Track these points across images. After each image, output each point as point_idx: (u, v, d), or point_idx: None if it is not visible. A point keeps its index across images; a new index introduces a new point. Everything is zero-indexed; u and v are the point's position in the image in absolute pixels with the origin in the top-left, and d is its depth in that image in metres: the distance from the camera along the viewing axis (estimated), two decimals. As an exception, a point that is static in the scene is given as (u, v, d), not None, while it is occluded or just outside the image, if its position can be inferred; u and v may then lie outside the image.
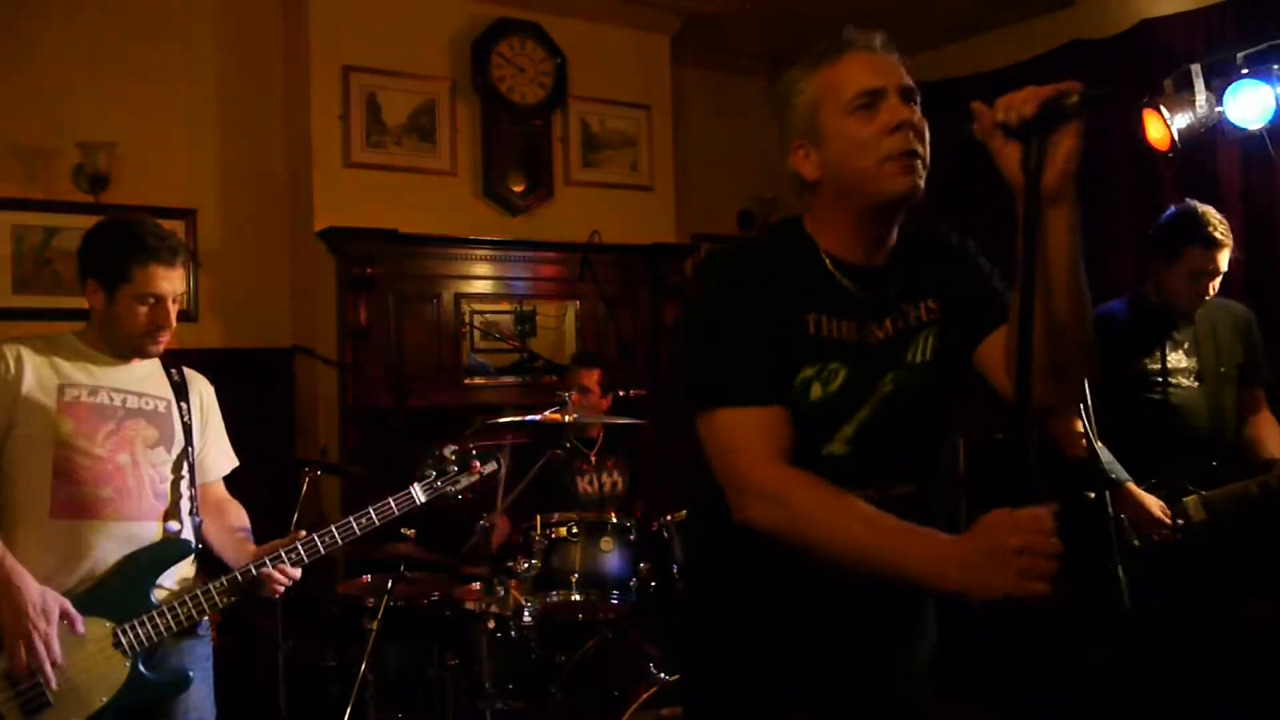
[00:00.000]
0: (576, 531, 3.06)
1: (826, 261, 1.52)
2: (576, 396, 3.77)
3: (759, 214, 6.17)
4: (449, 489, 2.50)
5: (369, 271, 4.53)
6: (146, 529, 2.18)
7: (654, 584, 3.15)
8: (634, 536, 3.14)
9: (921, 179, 1.44)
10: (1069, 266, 1.35)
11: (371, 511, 2.41)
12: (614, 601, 3.04)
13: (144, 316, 2.17)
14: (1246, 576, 2.98)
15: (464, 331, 4.82)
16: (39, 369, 2.13)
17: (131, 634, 2.11)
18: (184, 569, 2.25)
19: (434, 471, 2.52)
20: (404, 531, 3.12)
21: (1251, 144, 3.91)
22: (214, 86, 4.68)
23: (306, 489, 3.29)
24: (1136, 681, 2.87)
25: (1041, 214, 1.29)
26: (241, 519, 2.44)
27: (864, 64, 1.50)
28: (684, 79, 5.80)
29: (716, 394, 1.47)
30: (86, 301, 2.22)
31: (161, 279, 2.17)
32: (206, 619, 2.25)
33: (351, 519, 2.38)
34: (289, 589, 2.30)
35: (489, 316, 4.93)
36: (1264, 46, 3.52)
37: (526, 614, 3.01)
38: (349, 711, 2.90)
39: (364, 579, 3.44)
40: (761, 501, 1.40)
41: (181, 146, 4.60)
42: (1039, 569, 1.18)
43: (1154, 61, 4.31)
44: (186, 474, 2.28)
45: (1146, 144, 3.75)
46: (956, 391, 1.58)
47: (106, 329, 2.20)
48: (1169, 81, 3.70)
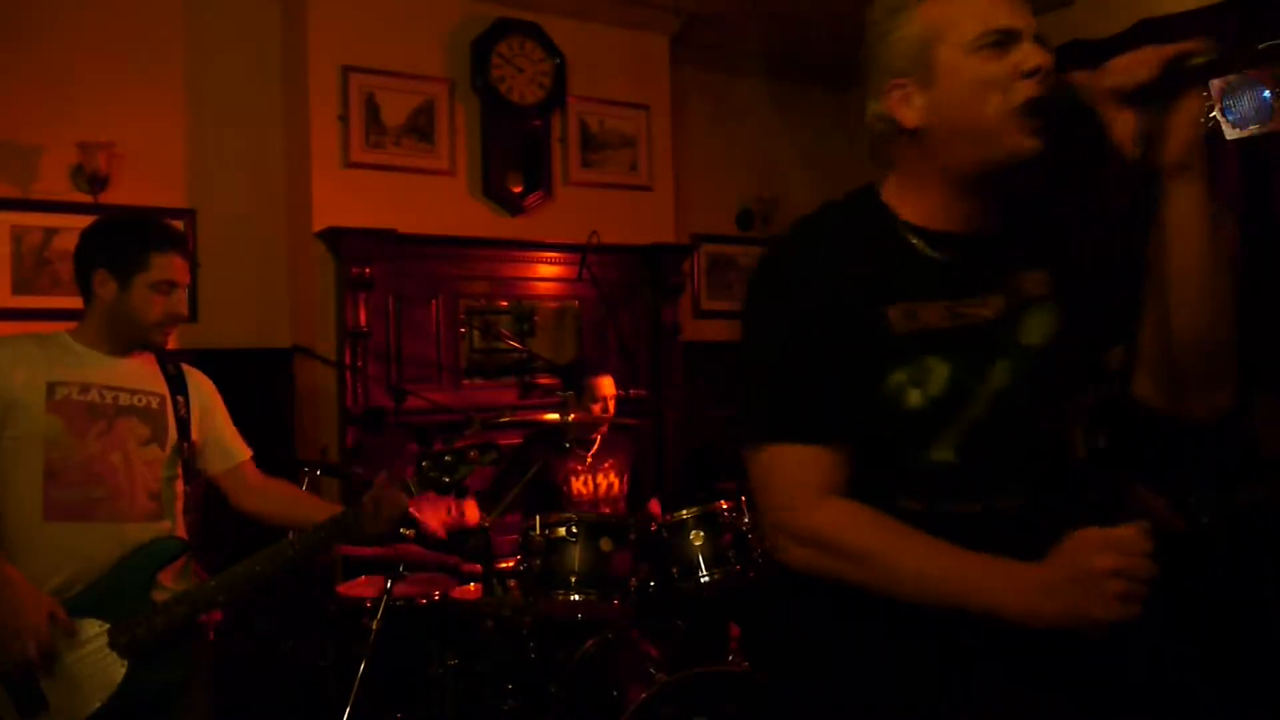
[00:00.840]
0: (576, 531, 3.05)
1: (908, 234, 1.31)
2: (598, 407, 3.77)
3: (759, 214, 6.17)
4: (445, 479, 2.49)
5: (368, 271, 4.53)
6: (140, 529, 2.17)
7: (654, 584, 3.15)
8: (634, 536, 3.14)
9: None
10: (1201, 250, 1.18)
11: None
12: (614, 601, 3.04)
13: (159, 305, 2.19)
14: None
15: (463, 331, 4.81)
16: (27, 368, 2.11)
17: (128, 634, 2.09)
18: (179, 567, 2.24)
19: (430, 462, 2.52)
20: (404, 532, 3.12)
21: (1251, 144, 3.91)
22: (214, 87, 4.67)
23: (306, 489, 3.29)
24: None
25: (1165, 190, 1.16)
26: (294, 487, 2.51)
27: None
28: (684, 79, 5.80)
29: (758, 427, 1.32)
30: (83, 299, 2.22)
31: (179, 268, 2.21)
32: (204, 618, 2.25)
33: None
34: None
35: (488, 316, 4.93)
36: (1264, 46, 3.53)
37: (526, 614, 3.01)
38: (349, 711, 2.90)
39: (364, 579, 3.45)
40: (800, 546, 1.27)
41: (181, 146, 4.60)
42: (1133, 593, 1.07)
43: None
44: (180, 471, 2.28)
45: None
46: (1084, 381, 1.36)
47: (113, 322, 2.19)
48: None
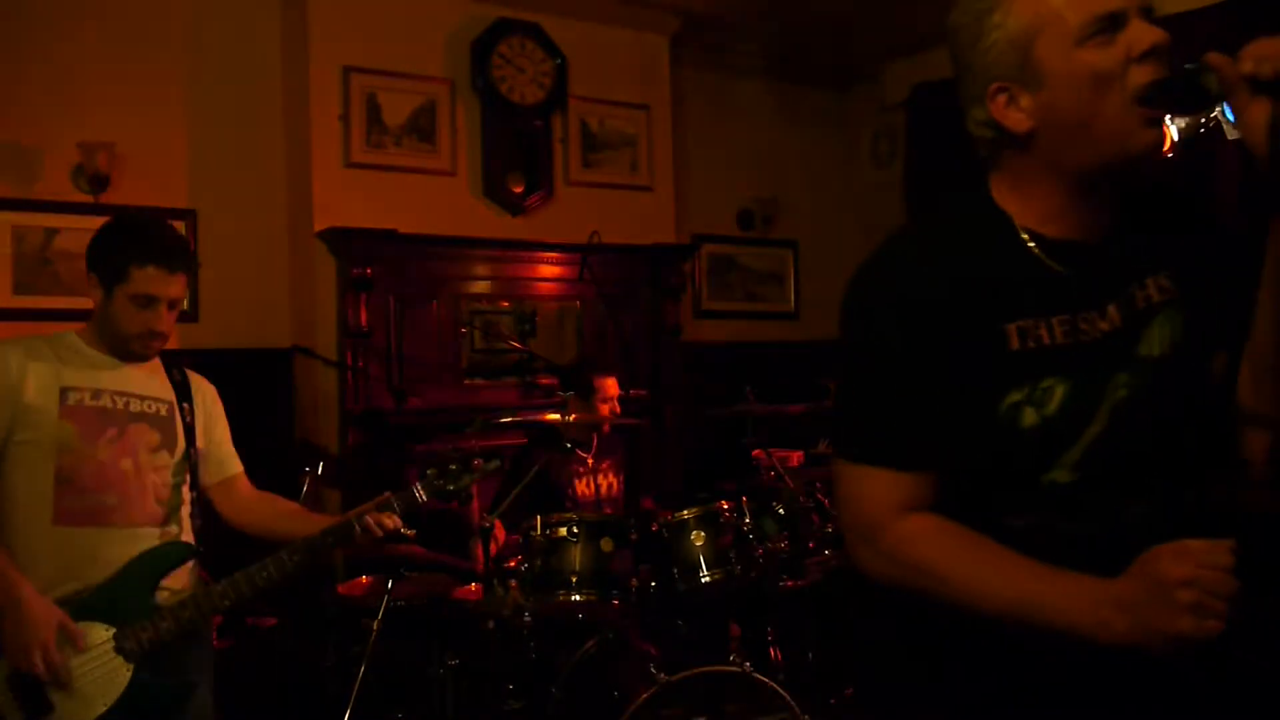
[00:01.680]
0: (576, 532, 3.05)
1: (1027, 242, 1.22)
2: (606, 408, 3.77)
3: (758, 214, 6.18)
4: (450, 486, 2.49)
5: (369, 272, 4.53)
6: (149, 535, 2.18)
7: (654, 584, 3.15)
8: (634, 536, 3.14)
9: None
10: None
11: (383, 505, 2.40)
12: (614, 601, 3.04)
13: (137, 318, 2.15)
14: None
15: (464, 332, 4.81)
16: (40, 371, 2.11)
17: (133, 639, 2.09)
18: (185, 572, 2.24)
19: (435, 469, 2.52)
20: (405, 532, 3.12)
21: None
22: (214, 86, 4.67)
23: (306, 489, 3.29)
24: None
25: None
26: (288, 501, 2.48)
27: None
28: (684, 79, 5.80)
29: (847, 443, 1.28)
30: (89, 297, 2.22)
31: (157, 282, 2.13)
32: (209, 622, 2.25)
33: (372, 507, 2.37)
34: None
35: (489, 317, 4.93)
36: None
37: (526, 614, 3.01)
38: (349, 711, 2.90)
39: (364, 579, 3.45)
40: (879, 562, 1.24)
41: (181, 146, 4.60)
42: (1211, 607, 1.00)
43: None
44: (188, 477, 2.28)
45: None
46: (1205, 386, 1.27)
47: (103, 327, 2.19)
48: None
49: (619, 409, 3.85)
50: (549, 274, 5.09)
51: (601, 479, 3.83)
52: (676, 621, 3.27)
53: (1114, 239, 1.24)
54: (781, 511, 3.34)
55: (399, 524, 2.34)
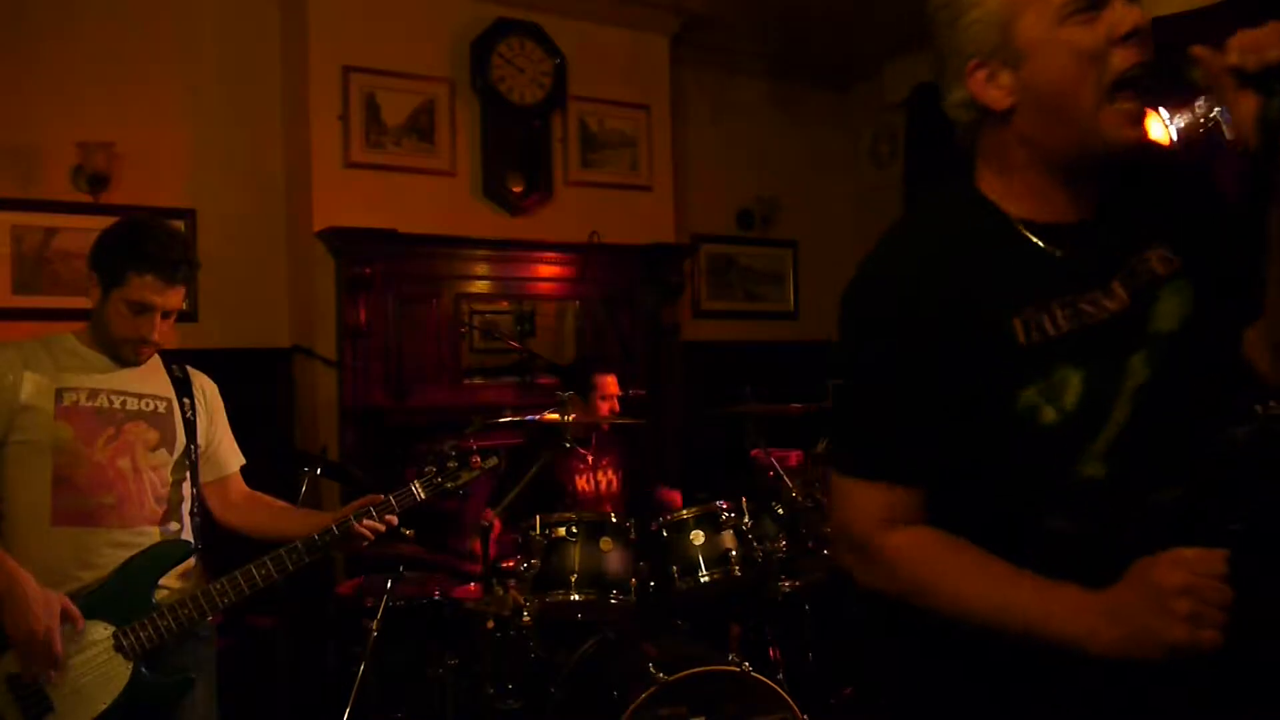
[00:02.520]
0: (576, 531, 3.05)
1: (1022, 231, 1.19)
2: (606, 406, 3.78)
3: (759, 214, 6.18)
4: (448, 484, 2.49)
5: (368, 271, 4.53)
6: (148, 533, 2.17)
7: (654, 584, 3.15)
8: (634, 536, 3.14)
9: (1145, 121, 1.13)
10: None
11: (382, 503, 2.40)
12: (614, 601, 3.04)
13: (129, 324, 2.14)
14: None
15: (464, 331, 4.81)
16: (35, 373, 2.10)
17: (133, 636, 2.09)
18: (185, 570, 2.24)
19: (434, 467, 2.52)
20: (404, 531, 3.12)
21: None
22: (214, 87, 4.67)
23: (306, 489, 3.29)
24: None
25: None
26: (282, 502, 2.48)
27: None
28: (683, 79, 5.80)
29: (841, 457, 1.26)
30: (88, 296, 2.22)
31: (152, 291, 2.12)
32: (209, 620, 2.24)
33: (370, 505, 2.37)
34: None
35: (489, 316, 4.93)
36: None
37: (526, 614, 3.01)
38: (349, 711, 2.90)
39: (364, 579, 3.45)
40: (867, 568, 1.23)
41: (181, 146, 4.60)
42: (1207, 616, 0.98)
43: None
44: (188, 475, 2.28)
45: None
46: (1228, 361, 1.22)
47: (97, 326, 2.19)
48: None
49: (619, 407, 3.85)
50: (548, 274, 5.09)
51: (601, 476, 3.83)
52: (676, 621, 3.28)
53: (1105, 215, 1.21)
54: (781, 511, 3.34)
55: (395, 523, 2.34)
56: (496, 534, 3.30)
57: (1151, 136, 1.14)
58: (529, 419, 3.31)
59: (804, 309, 6.40)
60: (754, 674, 2.79)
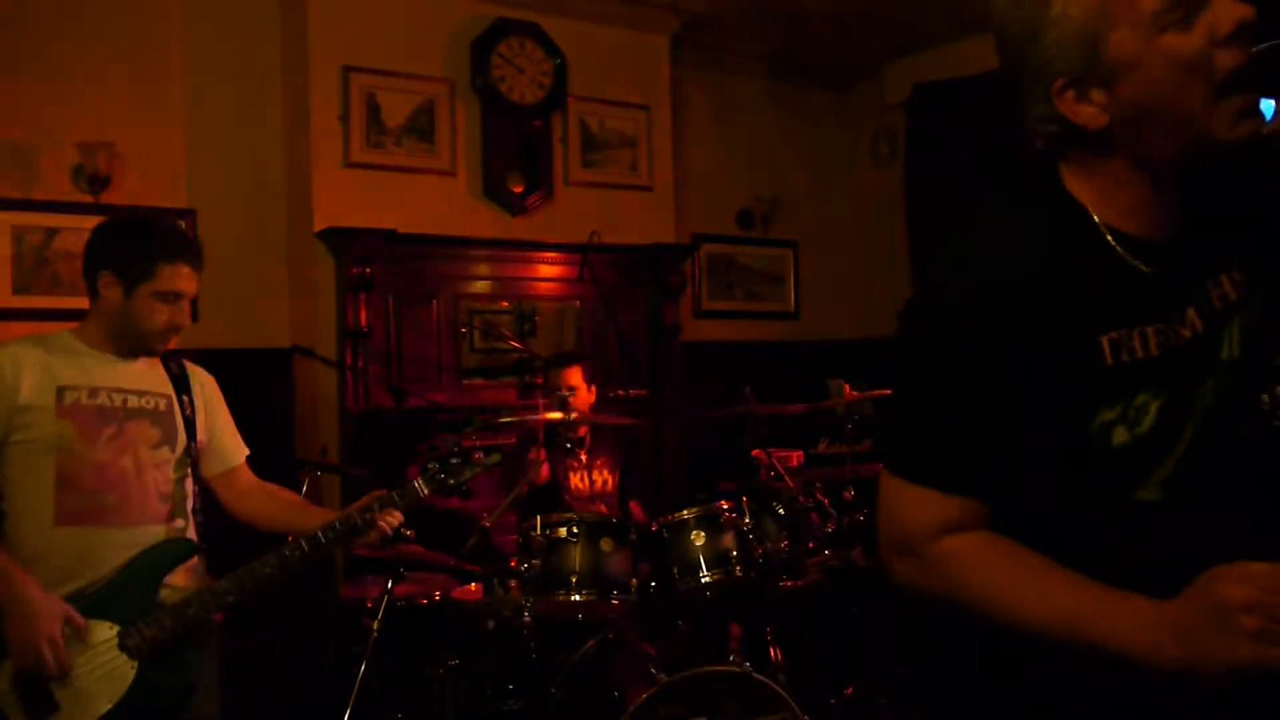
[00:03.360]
0: (576, 532, 3.05)
1: (1111, 242, 1.11)
2: (568, 395, 3.80)
3: (758, 214, 6.18)
4: (451, 480, 2.49)
5: (368, 272, 4.53)
6: (152, 532, 2.17)
7: (654, 584, 3.15)
8: (634, 536, 3.14)
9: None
10: None
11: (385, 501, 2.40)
12: (614, 601, 3.04)
13: (163, 314, 2.17)
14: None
15: (464, 332, 4.81)
16: (35, 371, 2.10)
17: (138, 636, 2.09)
18: (189, 568, 2.24)
19: (436, 464, 2.52)
20: (404, 531, 3.12)
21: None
22: (214, 86, 4.67)
23: (306, 489, 3.29)
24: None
25: None
26: (290, 493, 2.49)
27: None
28: (683, 79, 5.80)
29: (897, 458, 1.20)
30: (89, 297, 2.20)
31: (184, 278, 2.19)
32: (213, 619, 2.24)
33: (374, 503, 2.38)
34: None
35: (489, 316, 4.93)
36: (1265, 46, 3.52)
37: (526, 614, 3.01)
38: (349, 711, 2.90)
39: (364, 579, 3.45)
40: (916, 572, 1.17)
41: (181, 146, 4.60)
42: (1276, 634, 0.92)
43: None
44: (190, 471, 2.28)
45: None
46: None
47: (115, 324, 2.18)
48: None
49: (587, 397, 3.84)
50: (548, 274, 5.09)
51: (596, 475, 3.84)
52: (676, 621, 3.27)
53: (1190, 230, 1.13)
54: (781, 511, 3.33)
55: (399, 520, 2.34)
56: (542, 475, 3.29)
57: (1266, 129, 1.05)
58: (523, 419, 3.32)
59: (804, 309, 6.40)
60: (754, 674, 2.79)
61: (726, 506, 3.16)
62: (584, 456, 3.84)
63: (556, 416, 3.37)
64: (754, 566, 3.13)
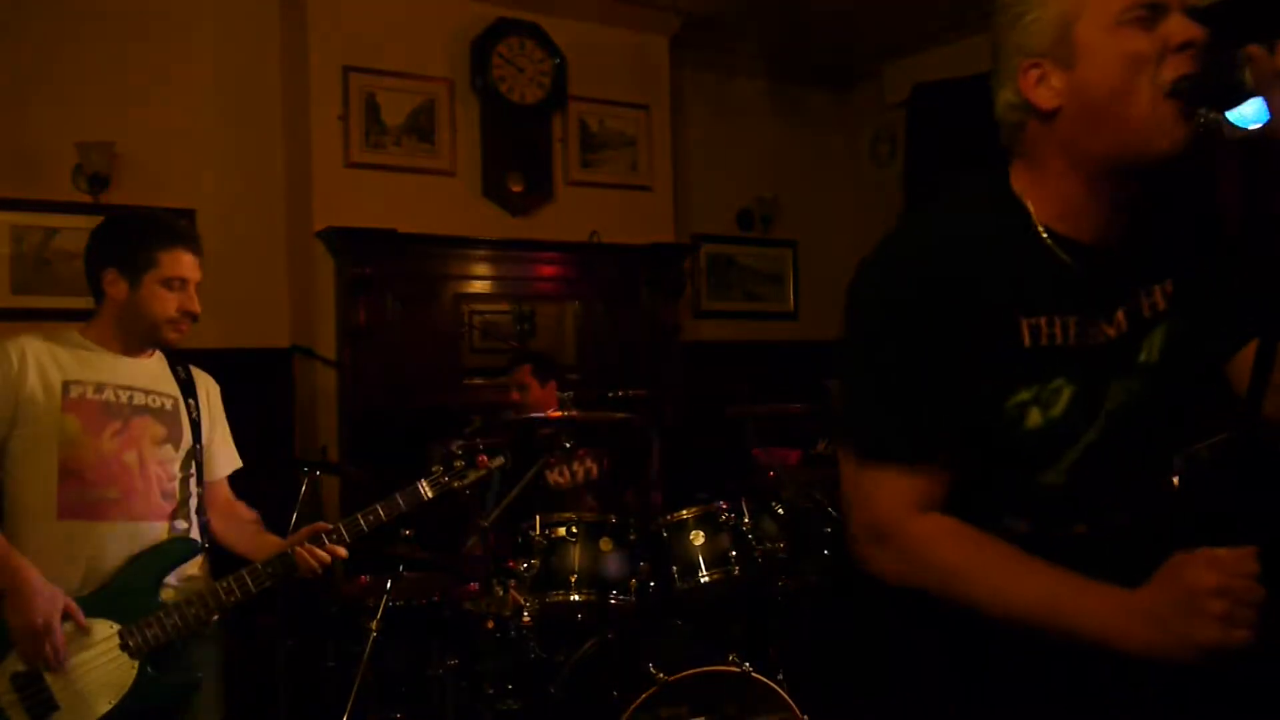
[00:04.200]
0: (576, 532, 3.05)
1: (1044, 236, 1.20)
2: (517, 395, 3.87)
3: (758, 214, 6.18)
4: (455, 484, 2.50)
5: (368, 271, 4.53)
6: (154, 529, 2.17)
7: (653, 584, 3.15)
8: (633, 536, 3.14)
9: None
10: None
11: (388, 502, 2.41)
12: (614, 602, 3.04)
13: (171, 301, 2.18)
14: None
15: (464, 331, 4.82)
16: (43, 365, 2.10)
17: (139, 635, 2.09)
18: (192, 568, 2.24)
19: (441, 467, 2.52)
20: (404, 532, 3.12)
21: (1250, 142, 3.90)
22: (214, 86, 4.67)
23: (306, 489, 3.29)
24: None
25: None
26: (252, 513, 2.46)
27: None
28: (683, 79, 5.80)
29: (860, 441, 1.24)
30: (94, 298, 2.21)
31: (188, 264, 2.21)
32: (216, 619, 2.24)
33: (378, 505, 2.38)
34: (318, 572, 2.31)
35: (489, 316, 4.93)
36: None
37: (526, 614, 3.01)
38: (349, 711, 2.90)
39: (364, 579, 3.44)
40: (892, 560, 1.20)
41: (181, 146, 4.60)
42: (1241, 616, 0.99)
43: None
44: (194, 472, 2.28)
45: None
46: (1194, 396, 1.28)
47: (125, 320, 2.19)
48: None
49: (541, 394, 3.86)
50: (548, 274, 5.09)
51: (577, 465, 3.83)
52: (676, 621, 3.27)
53: (1126, 244, 1.22)
54: (780, 511, 3.34)
55: (344, 555, 2.33)
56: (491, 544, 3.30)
57: (1190, 144, 1.14)
58: (531, 417, 3.31)
59: (804, 309, 6.40)
60: (754, 674, 2.79)
61: (726, 506, 3.16)
62: (558, 451, 3.80)
63: (559, 415, 3.37)
64: (754, 566, 3.13)
